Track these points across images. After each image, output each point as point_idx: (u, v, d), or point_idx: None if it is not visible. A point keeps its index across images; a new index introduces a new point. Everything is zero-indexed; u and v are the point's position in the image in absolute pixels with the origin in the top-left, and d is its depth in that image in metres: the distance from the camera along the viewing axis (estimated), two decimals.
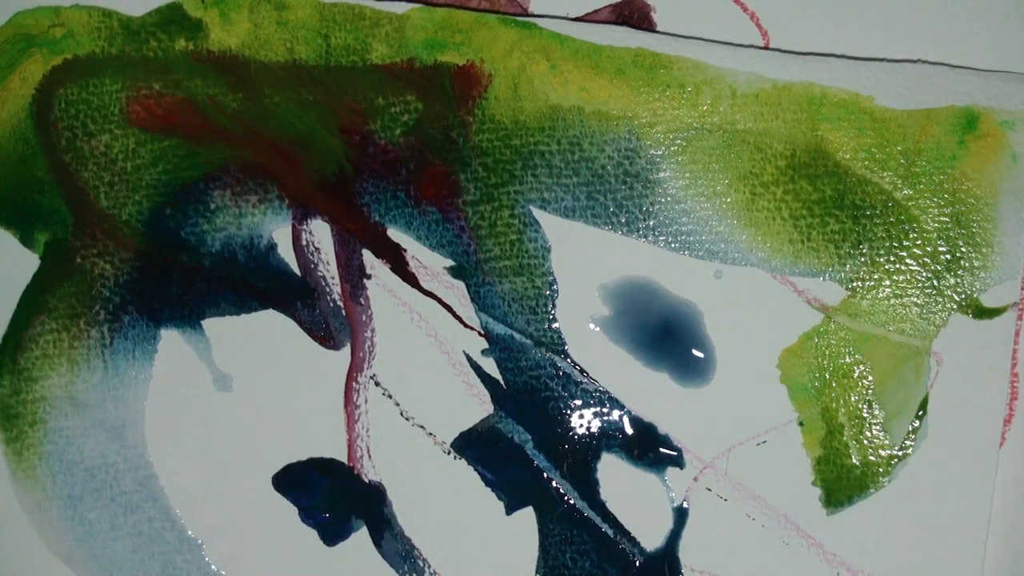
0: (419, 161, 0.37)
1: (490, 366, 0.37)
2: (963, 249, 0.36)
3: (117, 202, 0.37)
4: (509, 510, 0.38)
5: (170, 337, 0.38)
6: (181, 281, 0.38)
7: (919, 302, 0.36)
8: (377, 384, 0.37)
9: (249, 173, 0.37)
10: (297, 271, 0.37)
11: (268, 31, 0.37)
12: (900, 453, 0.37)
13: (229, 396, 0.38)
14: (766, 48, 0.37)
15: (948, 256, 0.36)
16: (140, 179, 0.37)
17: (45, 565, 0.38)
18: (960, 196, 0.36)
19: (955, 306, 0.36)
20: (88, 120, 0.37)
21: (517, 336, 0.37)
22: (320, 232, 0.37)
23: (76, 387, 0.37)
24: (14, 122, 0.37)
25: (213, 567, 0.38)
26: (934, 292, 0.36)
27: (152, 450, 0.38)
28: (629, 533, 0.37)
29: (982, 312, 0.36)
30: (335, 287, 0.37)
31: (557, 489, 0.37)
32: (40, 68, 0.37)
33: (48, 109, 0.37)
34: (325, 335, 0.38)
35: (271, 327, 0.38)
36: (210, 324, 0.38)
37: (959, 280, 0.36)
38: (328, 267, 0.37)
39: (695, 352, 0.37)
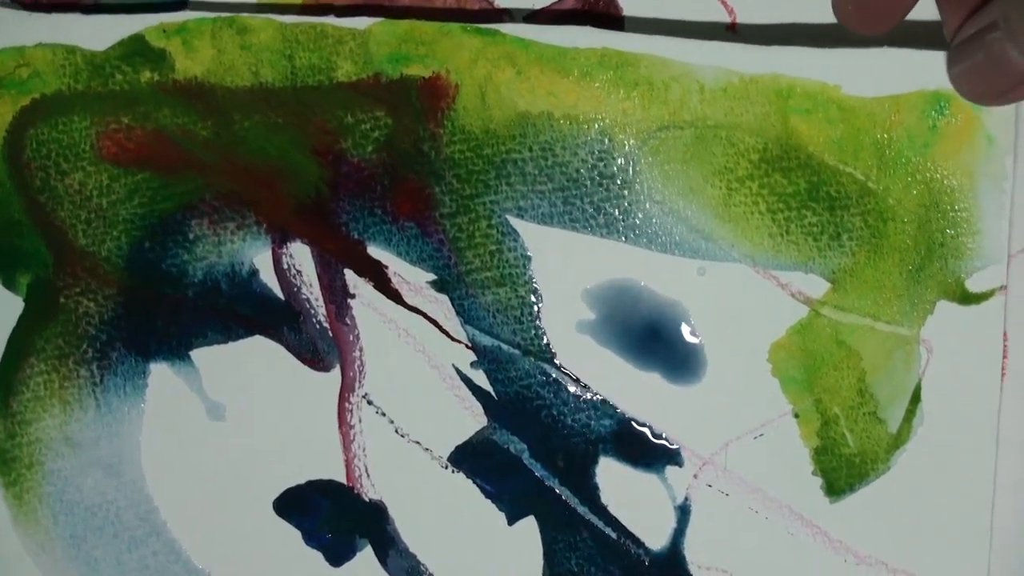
0: (393, 177, 0.36)
1: (481, 378, 0.37)
2: (944, 235, 0.36)
3: (95, 239, 0.37)
4: (511, 520, 0.37)
5: (160, 370, 0.37)
6: (166, 313, 0.37)
7: (903, 291, 0.36)
8: (370, 403, 0.37)
9: (225, 201, 0.37)
10: (281, 295, 0.37)
11: (232, 56, 0.36)
12: (897, 440, 0.36)
13: (223, 425, 0.37)
14: (732, 28, 0.36)
15: (929, 243, 0.36)
16: (116, 214, 0.37)
17: None
18: (936, 183, 0.36)
19: (940, 293, 0.36)
20: (60, 159, 0.37)
21: (504, 347, 0.37)
22: (300, 255, 0.37)
23: (70, 427, 0.37)
24: None
25: None
26: (918, 280, 0.36)
27: (151, 484, 0.38)
28: (633, 535, 0.37)
29: (968, 298, 0.36)
30: (320, 309, 0.37)
31: (558, 496, 0.37)
32: (9, 110, 0.37)
33: (20, 150, 0.37)
34: (314, 357, 0.37)
35: (260, 353, 0.37)
36: (198, 354, 0.37)
37: (942, 266, 0.36)
38: (311, 289, 0.37)
39: (685, 340, 0.36)
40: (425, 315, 0.37)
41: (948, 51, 0.33)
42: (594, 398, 0.37)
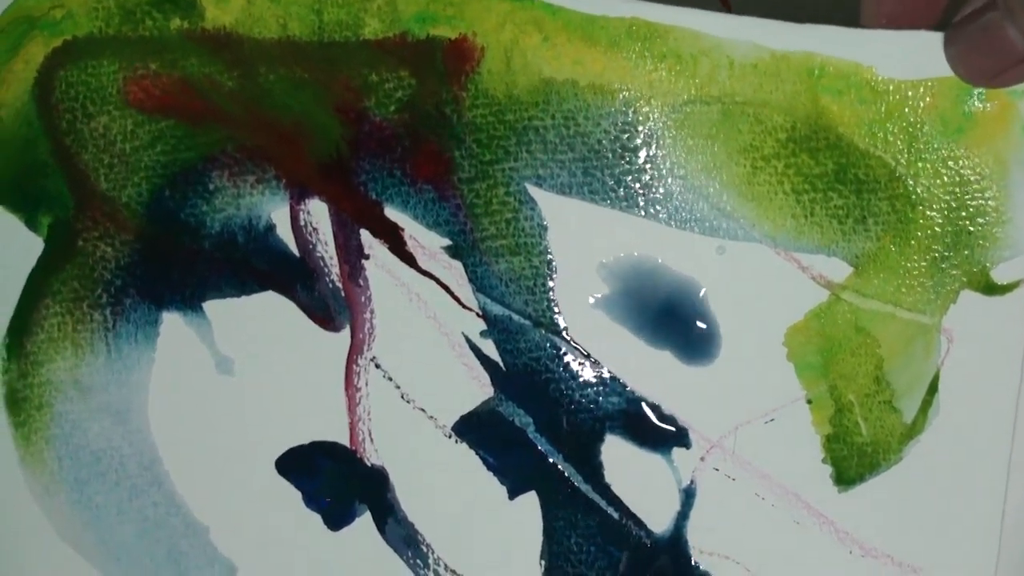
0: (414, 138, 0.36)
1: (490, 348, 0.36)
2: (972, 224, 0.35)
3: (117, 184, 0.37)
4: (512, 495, 0.37)
5: (172, 320, 0.37)
6: (182, 263, 0.37)
7: (927, 278, 0.35)
8: (378, 366, 0.37)
9: (247, 154, 0.37)
10: (296, 252, 0.37)
11: (262, 7, 0.36)
12: (911, 431, 0.36)
13: (231, 379, 0.37)
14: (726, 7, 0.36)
15: (956, 231, 0.35)
16: (139, 160, 0.37)
17: (54, 551, 0.38)
18: (967, 170, 0.35)
19: (964, 282, 0.35)
20: (87, 102, 0.37)
21: (515, 317, 0.36)
22: (318, 212, 0.37)
23: (81, 371, 0.37)
24: (18, 105, 0.37)
25: (218, 550, 0.38)
26: (942, 268, 0.35)
27: (156, 434, 0.38)
28: (635, 516, 0.37)
29: (993, 288, 0.35)
30: (334, 268, 0.37)
31: (560, 473, 0.37)
32: (41, 50, 0.37)
33: (50, 91, 0.37)
34: (325, 317, 0.37)
35: (272, 310, 0.37)
36: (211, 307, 0.37)
37: (968, 255, 0.35)
38: (327, 248, 0.37)
39: (699, 324, 0.36)
40: (438, 280, 0.36)
41: (946, 31, 0.32)
42: (603, 374, 0.36)
